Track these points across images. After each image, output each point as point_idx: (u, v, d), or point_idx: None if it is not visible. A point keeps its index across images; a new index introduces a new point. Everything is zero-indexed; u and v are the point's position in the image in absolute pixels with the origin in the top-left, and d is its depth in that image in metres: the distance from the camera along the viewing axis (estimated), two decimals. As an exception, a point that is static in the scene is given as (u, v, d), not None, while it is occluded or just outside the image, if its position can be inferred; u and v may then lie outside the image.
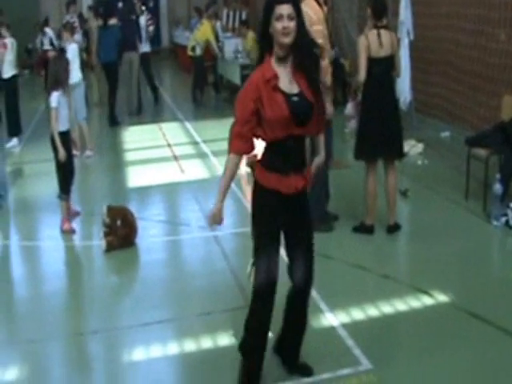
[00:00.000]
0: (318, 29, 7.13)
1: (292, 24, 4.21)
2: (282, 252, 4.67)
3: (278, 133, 4.30)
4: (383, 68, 7.26)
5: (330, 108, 7.31)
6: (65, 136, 8.16)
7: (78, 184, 9.27)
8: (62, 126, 8.14)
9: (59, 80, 8.12)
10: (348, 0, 13.45)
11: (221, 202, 4.45)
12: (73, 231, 8.28)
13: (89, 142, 12.06)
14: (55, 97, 8.05)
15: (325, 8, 7.40)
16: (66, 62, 8.35)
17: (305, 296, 4.76)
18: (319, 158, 4.78)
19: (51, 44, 18.26)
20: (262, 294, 4.54)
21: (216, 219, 4.48)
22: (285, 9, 4.20)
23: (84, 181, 10.17)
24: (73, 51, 11.43)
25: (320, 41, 7.11)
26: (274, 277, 4.52)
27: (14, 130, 13.29)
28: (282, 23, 4.20)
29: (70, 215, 8.45)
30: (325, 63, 7.26)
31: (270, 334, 4.72)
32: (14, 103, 13.24)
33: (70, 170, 8.41)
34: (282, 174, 4.39)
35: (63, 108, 8.14)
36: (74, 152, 8.67)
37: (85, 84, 12.96)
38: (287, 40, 4.23)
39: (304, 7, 7.10)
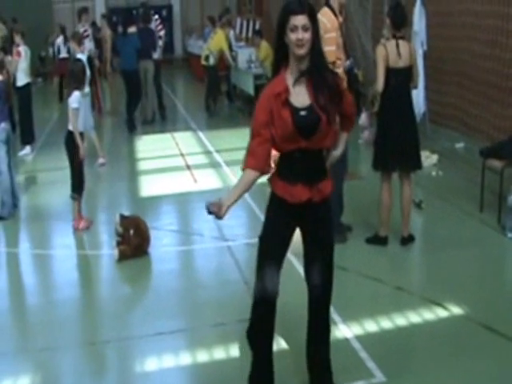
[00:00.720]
0: (331, 36, 7.17)
1: (307, 35, 4.17)
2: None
3: (286, 146, 4.30)
4: (401, 79, 7.22)
5: None
6: (82, 136, 8.44)
7: (90, 192, 9.33)
8: (82, 127, 8.42)
9: (79, 80, 8.38)
10: (362, 11, 13.44)
11: (228, 203, 4.23)
12: (87, 227, 8.53)
13: (99, 150, 12.08)
14: (76, 97, 8.25)
15: (340, 18, 7.38)
16: (83, 65, 8.66)
17: (322, 303, 4.72)
18: (335, 152, 4.74)
19: (68, 52, 18.25)
20: (263, 303, 4.53)
21: (216, 210, 4.20)
22: (299, 20, 4.15)
23: (97, 189, 10.17)
24: None
25: (333, 48, 7.15)
26: (274, 285, 4.52)
27: (27, 138, 13.34)
28: (297, 34, 4.16)
29: (81, 215, 8.58)
30: (338, 72, 7.25)
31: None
32: (27, 111, 13.30)
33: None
34: (288, 183, 4.38)
35: (81, 109, 8.39)
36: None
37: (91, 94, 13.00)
38: (302, 51, 4.20)
39: (319, 15, 7.18)
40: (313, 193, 4.39)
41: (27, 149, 13.21)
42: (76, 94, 8.29)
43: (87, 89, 11.68)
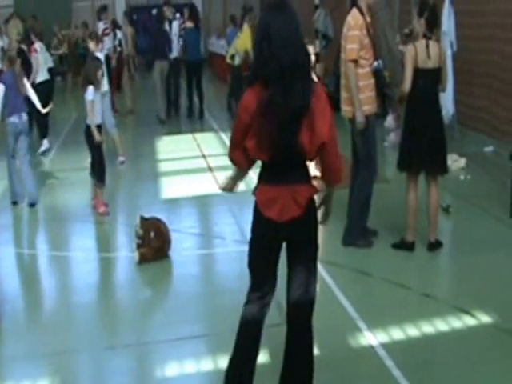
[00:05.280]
0: (353, 34, 7.17)
1: None
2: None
3: None
4: (429, 80, 7.09)
5: (360, 117, 7.21)
6: (98, 129, 9.00)
7: (111, 193, 9.40)
8: (96, 120, 8.96)
9: (92, 77, 8.89)
10: (389, 10, 13.30)
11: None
12: (108, 213, 8.98)
13: (120, 148, 12.01)
14: (90, 91, 8.83)
15: (367, 17, 7.30)
16: (98, 64, 9.19)
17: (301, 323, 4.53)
18: None
19: (120, 45, 18.20)
20: None
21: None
22: None
23: (117, 190, 10.09)
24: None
25: (354, 46, 7.14)
26: None
27: (43, 131, 13.35)
28: None
29: (103, 201, 9.09)
30: (363, 71, 7.25)
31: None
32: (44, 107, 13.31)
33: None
34: None
35: (97, 103, 8.95)
36: None
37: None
38: None
39: (347, 16, 7.23)
40: None
41: (45, 143, 13.17)
42: (90, 88, 8.80)
43: (106, 87, 11.63)
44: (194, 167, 11.78)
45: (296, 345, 4.50)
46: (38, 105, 9.92)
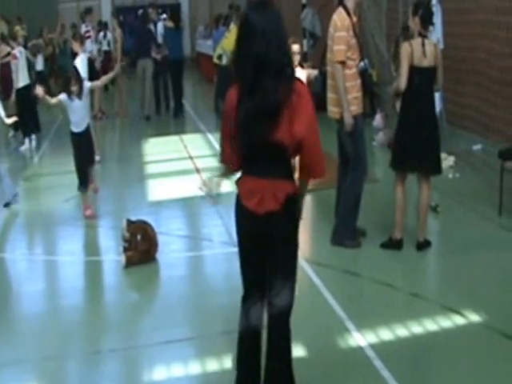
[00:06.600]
0: (340, 35, 7.17)
1: None
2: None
3: None
4: (425, 78, 7.05)
5: (348, 118, 7.18)
6: (80, 136, 9.02)
7: (97, 196, 9.43)
8: (76, 128, 8.98)
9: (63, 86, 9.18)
10: (376, 9, 13.26)
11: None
12: (94, 216, 9.00)
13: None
14: (62, 96, 8.92)
15: (354, 17, 7.28)
16: (71, 75, 9.02)
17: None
18: None
19: (108, 45, 18.21)
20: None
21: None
22: None
23: (103, 193, 10.03)
24: (82, 61, 11.41)
25: (342, 47, 7.14)
26: None
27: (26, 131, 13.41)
28: None
29: (88, 205, 9.09)
30: (350, 72, 7.21)
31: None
32: (26, 110, 13.29)
33: (90, 160, 9.28)
34: None
35: (75, 112, 8.90)
36: None
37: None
38: None
39: (333, 15, 7.25)
40: None
41: (26, 143, 13.31)
42: (62, 95, 8.90)
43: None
44: (181, 169, 11.73)
45: (274, 346, 4.45)
46: (3, 114, 9.95)
